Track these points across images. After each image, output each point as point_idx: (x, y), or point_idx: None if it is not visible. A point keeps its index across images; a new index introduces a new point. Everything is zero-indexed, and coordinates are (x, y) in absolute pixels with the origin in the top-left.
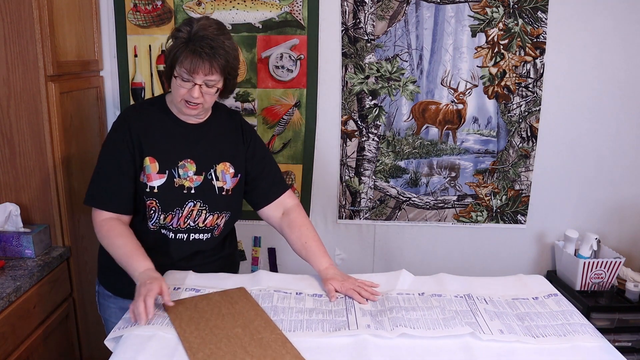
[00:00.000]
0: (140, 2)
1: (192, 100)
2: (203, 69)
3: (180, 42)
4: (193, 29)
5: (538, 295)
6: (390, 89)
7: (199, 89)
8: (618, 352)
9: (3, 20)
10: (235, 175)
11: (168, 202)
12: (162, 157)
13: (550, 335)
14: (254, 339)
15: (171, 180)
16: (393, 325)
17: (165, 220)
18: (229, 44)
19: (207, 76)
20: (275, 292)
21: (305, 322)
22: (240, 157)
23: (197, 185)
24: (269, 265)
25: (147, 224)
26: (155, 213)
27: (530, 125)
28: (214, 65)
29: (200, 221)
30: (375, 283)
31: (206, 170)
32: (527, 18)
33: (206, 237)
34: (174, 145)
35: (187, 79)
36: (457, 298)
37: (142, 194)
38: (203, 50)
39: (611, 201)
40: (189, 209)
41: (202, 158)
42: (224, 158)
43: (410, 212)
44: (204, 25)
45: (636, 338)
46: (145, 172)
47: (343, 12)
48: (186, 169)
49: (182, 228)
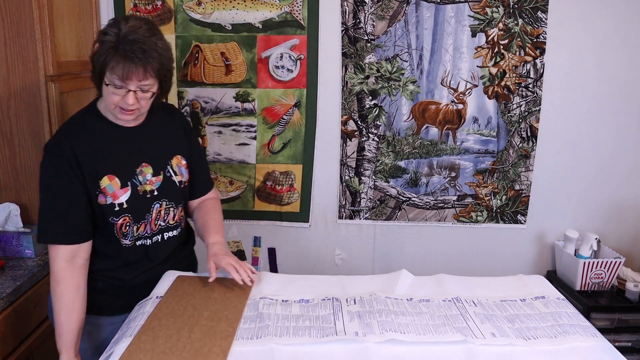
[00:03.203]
0: (140, 2)
1: (127, 107)
2: (137, 74)
3: (109, 46)
4: (122, 31)
5: (526, 297)
6: (390, 89)
7: (134, 95)
8: (618, 352)
9: (3, 20)
10: (187, 167)
11: (139, 212)
12: (120, 171)
13: (542, 337)
14: (206, 326)
15: (135, 190)
16: (382, 329)
17: (139, 230)
18: (161, 44)
19: (141, 82)
20: (261, 299)
21: (291, 329)
22: (186, 147)
23: (159, 186)
24: (269, 265)
25: (120, 243)
26: (129, 228)
27: (530, 125)
28: (148, 70)
29: (170, 219)
30: (255, 270)
31: (163, 168)
32: (527, 18)
33: (178, 232)
34: (125, 154)
35: (120, 85)
36: (445, 302)
37: (109, 215)
38: (135, 54)
39: (611, 201)
40: (157, 210)
41: (156, 158)
42: (175, 152)
43: (410, 212)
44: (133, 27)
45: (636, 338)
46: (108, 192)
47: (343, 12)
48: (144, 174)
49: (155, 231)
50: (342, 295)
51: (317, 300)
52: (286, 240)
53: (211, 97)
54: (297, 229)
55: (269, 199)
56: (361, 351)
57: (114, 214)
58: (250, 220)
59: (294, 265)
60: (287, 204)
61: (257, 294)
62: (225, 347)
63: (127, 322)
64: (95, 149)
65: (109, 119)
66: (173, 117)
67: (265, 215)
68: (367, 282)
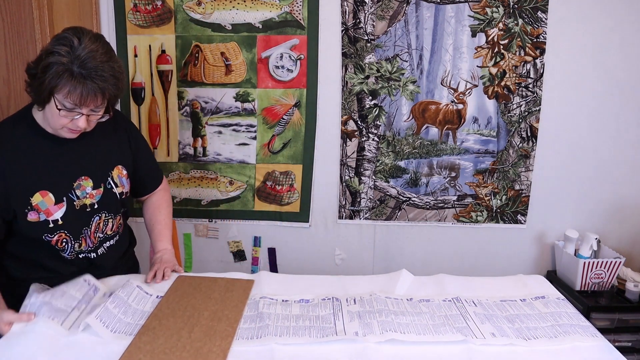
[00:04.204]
0: (140, 2)
1: (78, 129)
2: (94, 101)
3: (62, 68)
4: (76, 52)
5: (526, 297)
6: (390, 89)
7: (85, 118)
8: (618, 352)
9: (3, 20)
10: (129, 176)
11: (76, 228)
12: (54, 186)
13: (542, 337)
14: (206, 326)
15: (71, 204)
16: (382, 329)
17: (80, 246)
18: (117, 67)
19: (95, 107)
20: (261, 299)
21: (291, 329)
22: (128, 155)
23: (99, 199)
24: (269, 265)
25: (61, 257)
26: (67, 244)
27: (530, 125)
28: (106, 96)
29: (108, 229)
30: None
31: (104, 180)
32: (527, 18)
33: (115, 240)
34: (61, 168)
35: (72, 109)
36: (445, 302)
37: (42, 232)
38: (95, 82)
39: (611, 201)
40: (96, 223)
41: (96, 170)
42: (115, 162)
43: (410, 212)
44: (91, 51)
45: (636, 338)
46: (41, 209)
47: (343, 12)
48: (83, 187)
49: (96, 244)
50: (342, 295)
51: (317, 300)
52: (286, 240)
53: (211, 97)
54: (297, 229)
55: (269, 199)
56: (361, 351)
57: (47, 231)
58: (250, 220)
59: (294, 265)
60: (287, 204)
61: (257, 294)
62: (225, 347)
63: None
64: (27, 162)
65: (46, 130)
66: (115, 121)
67: (265, 215)
68: (367, 282)
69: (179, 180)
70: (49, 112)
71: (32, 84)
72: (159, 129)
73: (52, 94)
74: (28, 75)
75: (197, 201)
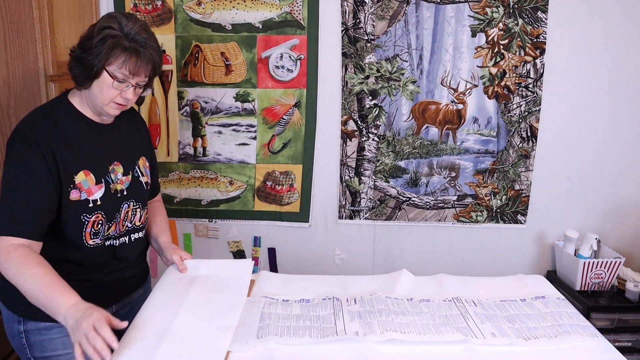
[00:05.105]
0: (140, 2)
1: (125, 103)
2: (145, 70)
3: (115, 41)
4: (125, 29)
5: (526, 297)
6: (390, 89)
7: (134, 90)
8: (618, 352)
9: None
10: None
11: (111, 210)
12: (95, 167)
13: (542, 337)
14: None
15: (108, 187)
16: (383, 329)
17: (109, 230)
18: (156, 46)
19: (145, 77)
20: (261, 298)
21: (292, 329)
22: (148, 150)
23: (128, 186)
24: (269, 265)
25: (85, 243)
26: (102, 227)
27: (530, 125)
28: (153, 67)
29: (136, 220)
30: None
31: (132, 168)
32: (527, 18)
33: (142, 234)
34: (100, 151)
35: (123, 80)
36: (445, 302)
37: (82, 212)
38: (147, 52)
39: (611, 201)
40: (125, 211)
41: (126, 157)
42: (140, 153)
43: (410, 212)
44: (136, 26)
45: (636, 338)
46: (83, 187)
47: (343, 12)
48: (116, 172)
49: (122, 232)
50: (343, 295)
51: (317, 300)
52: (286, 240)
53: (211, 97)
54: (297, 229)
55: (269, 199)
56: (361, 351)
57: (87, 210)
58: (250, 220)
59: (294, 265)
60: (287, 204)
61: (257, 294)
62: (225, 347)
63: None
64: (70, 143)
65: (84, 114)
66: (136, 118)
67: (265, 215)
68: (367, 282)
69: (179, 180)
70: (97, 88)
71: (84, 59)
72: (159, 129)
73: (104, 66)
74: (78, 53)
75: (197, 201)
